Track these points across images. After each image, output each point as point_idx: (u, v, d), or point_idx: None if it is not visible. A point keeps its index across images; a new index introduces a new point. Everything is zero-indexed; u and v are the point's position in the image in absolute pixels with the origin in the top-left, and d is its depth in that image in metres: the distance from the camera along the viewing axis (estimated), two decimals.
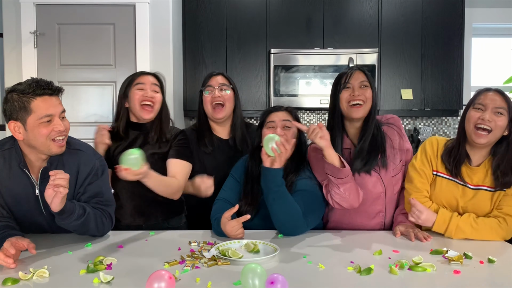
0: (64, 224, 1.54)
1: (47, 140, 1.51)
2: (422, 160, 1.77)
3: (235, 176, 1.91)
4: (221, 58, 3.58)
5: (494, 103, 1.62)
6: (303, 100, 3.51)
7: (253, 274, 1.14)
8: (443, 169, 1.75)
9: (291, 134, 1.82)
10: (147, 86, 1.94)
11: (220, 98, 2.11)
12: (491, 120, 1.60)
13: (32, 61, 3.15)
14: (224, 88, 2.14)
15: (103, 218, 1.64)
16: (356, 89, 1.81)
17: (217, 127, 2.20)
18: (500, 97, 1.63)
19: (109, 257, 1.43)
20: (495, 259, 1.42)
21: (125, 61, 3.17)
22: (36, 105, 1.48)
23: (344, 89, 1.83)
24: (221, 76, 2.18)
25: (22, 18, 3.12)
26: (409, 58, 3.59)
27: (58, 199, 1.43)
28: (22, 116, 1.49)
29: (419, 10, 3.57)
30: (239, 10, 3.56)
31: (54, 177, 1.42)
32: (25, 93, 1.48)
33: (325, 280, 1.28)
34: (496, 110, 1.61)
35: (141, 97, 1.92)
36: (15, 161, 1.58)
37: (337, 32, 3.57)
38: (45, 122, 1.50)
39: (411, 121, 3.99)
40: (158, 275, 1.12)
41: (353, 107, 1.80)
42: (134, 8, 3.15)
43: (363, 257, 1.47)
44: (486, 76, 4.09)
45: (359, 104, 1.79)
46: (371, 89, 1.83)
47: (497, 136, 1.64)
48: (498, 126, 1.61)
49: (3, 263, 1.35)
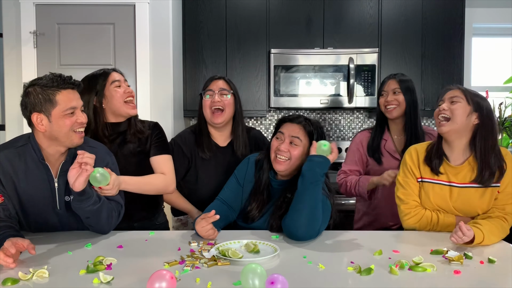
0: (80, 208, 1.59)
1: (69, 131, 1.59)
2: (404, 172, 1.83)
3: (238, 177, 1.91)
4: (221, 58, 3.58)
5: (449, 95, 1.76)
6: (303, 100, 3.51)
7: (253, 274, 1.14)
8: (427, 174, 1.79)
9: (296, 153, 1.75)
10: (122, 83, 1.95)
11: (220, 103, 2.08)
12: (447, 109, 1.72)
13: (32, 61, 3.15)
14: (224, 93, 2.10)
15: (113, 211, 1.70)
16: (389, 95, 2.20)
17: (215, 133, 2.16)
18: (456, 90, 1.76)
19: (109, 257, 1.43)
20: (495, 259, 1.42)
21: (125, 61, 3.17)
22: (60, 97, 1.56)
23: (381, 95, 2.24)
24: (223, 80, 2.15)
25: (22, 18, 3.12)
26: (409, 58, 3.59)
27: (83, 177, 1.51)
28: (47, 108, 1.56)
29: (419, 10, 3.57)
30: (239, 10, 3.56)
31: (83, 155, 1.51)
32: (49, 86, 1.56)
33: (325, 280, 1.28)
34: (451, 100, 1.74)
35: (123, 94, 1.91)
36: (31, 157, 1.62)
37: (337, 32, 3.57)
38: (69, 114, 1.58)
39: None
40: (160, 274, 1.12)
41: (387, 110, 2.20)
42: (134, 8, 3.15)
43: (363, 257, 1.47)
44: (486, 76, 4.09)
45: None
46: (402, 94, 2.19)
47: (458, 123, 1.70)
48: (455, 113, 1.70)
49: (3, 262, 1.35)
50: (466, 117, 1.70)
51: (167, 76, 3.19)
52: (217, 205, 1.83)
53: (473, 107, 1.70)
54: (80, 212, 1.62)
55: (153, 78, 3.18)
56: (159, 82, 3.18)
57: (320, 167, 1.64)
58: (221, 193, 1.90)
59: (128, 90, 1.93)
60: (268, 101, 3.56)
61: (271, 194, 1.83)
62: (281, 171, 1.78)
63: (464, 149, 1.74)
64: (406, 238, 1.71)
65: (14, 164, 1.62)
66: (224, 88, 2.11)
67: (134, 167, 1.91)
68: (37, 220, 1.68)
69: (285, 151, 1.75)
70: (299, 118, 1.82)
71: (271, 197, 1.83)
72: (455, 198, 1.75)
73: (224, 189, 1.91)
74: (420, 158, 1.81)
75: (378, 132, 2.25)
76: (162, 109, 3.17)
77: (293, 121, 1.81)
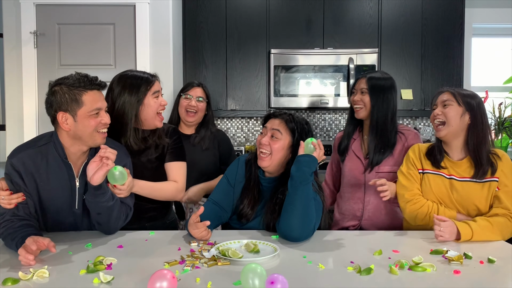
0: (94, 203, 1.61)
1: (93, 131, 1.60)
2: (407, 164, 1.92)
3: (228, 178, 1.91)
4: (221, 58, 3.58)
5: (441, 98, 1.82)
6: (303, 100, 3.52)
7: (253, 274, 1.14)
8: (428, 166, 1.87)
9: (277, 147, 1.76)
10: (160, 93, 1.95)
11: (195, 108, 2.44)
12: (440, 113, 1.80)
13: (32, 61, 3.15)
14: (200, 100, 2.46)
15: (122, 213, 1.72)
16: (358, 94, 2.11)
17: (185, 127, 2.51)
18: (446, 93, 1.82)
19: (109, 257, 1.43)
20: (495, 259, 1.42)
21: (125, 61, 3.17)
22: (87, 98, 1.58)
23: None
24: (201, 89, 2.50)
25: (22, 18, 3.12)
26: (409, 58, 3.59)
27: (102, 171, 1.53)
28: (73, 107, 1.57)
29: (419, 10, 3.57)
30: (239, 10, 3.56)
31: (105, 150, 1.53)
32: (75, 86, 1.57)
33: (325, 280, 1.28)
34: (443, 103, 1.81)
35: (159, 106, 1.89)
36: (53, 156, 1.64)
37: (337, 32, 3.57)
38: (94, 115, 1.59)
39: (411, 121, 3.99)
40: (161, 274, 1.12)
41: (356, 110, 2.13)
42: (134, 8, 3.15)
43: (363, 257, 1.47)
44: (486, 76, 4.09)
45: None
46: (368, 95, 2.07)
47: (453, 125, 1.77)
48: (449, 116, 1.77)
49: (24, 259, 1.37)
50: (460, 118, 1.77)
51: (167, 76, 3.20)
52: (208, 206, 1.82)
53: (464, 107, 1.77)
54: (93, 207, 1.63)
55: None
56: None
57: (307, 166, 1.63)
58: (212, 194, 1.90)
59: (163, 102, 1.91)
60: (268, 101, 3.56)
61: (262, 192, 1.83)
62: (265, 167, 1.79)
63: (462, 147, 1.82)
64: (406, 238, 1.71)
65: (36, 163, 1.63)
66: (201, 97, 2.47)
67: (150, 172, 1.91)
68: (54, 219, 1.70)
69: (266, 144, 1.76)
70: (283, 114, 1.82)
71: (262, 195, 1.83)
72: (455, 191, 1.80)
73: (215, 190, 1.91)
74: (422, 152, 1.90)
75: (348, 131, 2.18)
76: None
77: (276, 117, 1.82)
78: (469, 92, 1.83)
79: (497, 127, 3.59)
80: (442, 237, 1.64)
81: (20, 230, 1.52)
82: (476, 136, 1.77)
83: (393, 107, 2.07)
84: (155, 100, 1.88)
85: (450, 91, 1.82)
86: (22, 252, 1.38)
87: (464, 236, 1.63)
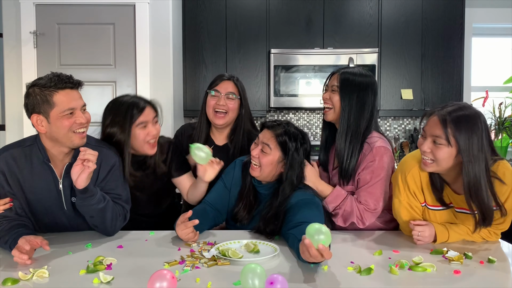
0: (84, 207, 1.58)
1: (69, 132, 1.55)
2: (407, 195, 1.66)
3: (224, 181, 1.89)
4: (221, 58, 3.58)
5: (431, 131, 1.51)
6: (303, 100, 3.51)
7: (253, 274, 1.14)
8: (431, 201, 1.66)
9: (265, 161, 1.68)
10: (149, 123, 1.86)
11: (224, 107, 2.00)
12: (429, 151, 1.51)
13: (32, 61, 3.15)
14: (230, 97, 2.02)
15: (118, 213, 1.69)
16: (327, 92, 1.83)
17: (215, 131, 2.12)
18: (436, 124, 1.48)
19: (109, 257, 1.43)
20: (495, 259, 1.42)
21: (125, 61, 3.17)
22: (58, 98, 1.52)
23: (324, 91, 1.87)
24: (232, 83, 2.05)
25: (22, 18, 3.12)
26: (409, 58, 3.59)
27: (85, 174, 1.50)
28: (45, 109, 1.53)
29: (419, 10, 3.57)
30: (239, 10, 3.56)
31: (85, 152, 1.49)
32: (47, 87, 1.52)
33: (325, 280, 1.28)
34: (433, 139, 1.50)
35: (146, 136, 1.83)
36: (37, 157, 1.61)
37: (337, 32, 3.57)
38: (68, 115, 1.54)
39: (411, 121, 3.99)
40: (160, 274, 1.12)
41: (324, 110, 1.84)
42: (134, 8, 3.15)
43: (363, 257, 1.47)
44: (486, 76, 4.09)
45: (328, 108, 1.81)
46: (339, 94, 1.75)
47: (444, 167, 1.52)
48: (439, 158, 1.49)
49: (19, 260, 1.37)
50: (453, 159, 1.50)
51: (167, 76, 3.20)
52: (202, 208, 1.81)
53: (456, 148, 1.47)
54: (84, 210, 1.61)
55: (153, 78, 3.18)
56: (159, 82, 3.19)
57: None
58: (207, 196, 1.88)
59: (152, 132, 1.84)
60: (268, 101, 3.56)
61: (258, 196, 1.81)
62: (256, 177, 1.76)
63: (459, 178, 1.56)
64: (406, 238, 1.71)
65: (20, 164, 1.61)
66: (232, 92, 2.02)
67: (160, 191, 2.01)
68: (45, 219, 1.68)
69: (256, 157, 1.71)
70: (276, 127, 1.70)
71: (258, 199, 1.81)
72: (461, 220, 1.65)
73: (210, 192, 1.89)
74: (423, 181, 1.64)
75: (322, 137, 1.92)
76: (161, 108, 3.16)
77: (269, 128, 1.72)
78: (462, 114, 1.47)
79: (497, 127, 3.58)
80: (421, 241, 1.59)
81: (12, 231, 1.51)
82: (471, 172, 1.46)
83: (370, 111, 1.74)
84: (141, 131, 1.82)
85: (440, 120, 1.47)
86: (16, 253, 1.38)
87: (440, 237, 1.60)
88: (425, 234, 1.59)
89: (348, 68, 1.81)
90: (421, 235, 1.59)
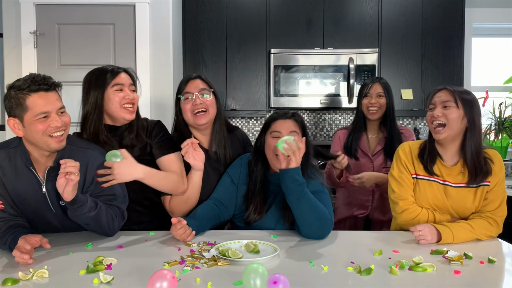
0: (76, 216, 1.54)
1: (43, 136, 1.50)
2: (398, 167, 1.82)
3: (231, 176, 1.89)
4: (221, 58, 3.58)
5: (441, 98, 1.72)
6: (303, 100, 3.51)
7: (255, 274, 1.14)
8: (421, 171, 1.78)
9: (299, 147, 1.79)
10: (125, 87, 1.82)
11: (202, 105, 1.92)
12: (441, 115, 1.70)
13: (32, 61, 3.15)
14: (204, 93, 1.94)
15: (114, 214, 1.64)
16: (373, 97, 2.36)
17: (198, 135, 1.99)
18: (446, 91, 1.72)
19: (109, 257, 1.43)
20: (495, 259, 1.42)
21: (125, 61, 3.17)
22: (31, 101, 1.47)
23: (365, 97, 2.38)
24: (200, 80, 1.98)
25: (22, 18, 3.12)
26: (409, 58, 3.59)
27: (69, 187, 1.44)
28: (20, 113, 1.48)
29: (419, 10, 3.57)
30: (239, 10, 3.56)
31: (65, 165, 1.43)
32: (21, 89, 1.47)
33: (325, 280, 1.28)
34: (443, 104, 1.71)
35: (122, 99, 1.79)
36: (21, 160, 1.58)
37: (337, 32, 3.57)
38: (41, 119, 1.48)
39: (411, 121, 3.99)
40: (161, 274, 1.12)
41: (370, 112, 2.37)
42: (134, 8, 3.15)
43: (363, 257, 1.47)
44: (486, 76, 4.09)
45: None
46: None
47: (454, 129, 1.69)
48: (450, 118, 1.68)
49: (20, 260, 1.37)
50: (461, 122, 1.69)
51: (167, 76, 3.19)
52: (208, 206, 1.82)
53: (463, 111, 1.69)
54: (78, 219, 1.57)
55: (153, 78, 3.18)
56: (159, 82, 3.19)
57: (292, 181, 1.63)
58: (214, 193, 1.88)
59: (128, 96, 1.80)
60: (268, 101, 3.56)
61: (269, 188, 1.83)
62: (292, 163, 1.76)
63: (457, 150, 1.74)
64: (406, 238, 1.71)
65: (3, 165, 1.58)
66: (204, 88, 1.95)
67: None
68: (36, 220, 1.65)
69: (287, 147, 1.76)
70: (288, 114, 1.85)
71: (267, 197, 1.83)
72: (451, 197, 1.75)
73: (217, 188, 1.89)
74: (414, 154, 1.81)
75: (356, 131, 2.42)
76: (162, 109, 3.17)
77: (284, 118, 1.83)
78: (465, 90, 1.76)
79: (497, 127, 3.58)
80: (425, 240, 1.61)
81: (9, 232, 1.51)
82: (474, 141, 1.69)
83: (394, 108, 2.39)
84: (115, 93, 1.78)
85: (449, 90, 1.72)
86: (17, 254, 1.38)
87: (445, 239, 1.61)
88: (425, 231, 1.62)
89: (382, 79, 2.44)
90: (422, 233, 1.61)
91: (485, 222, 1.69)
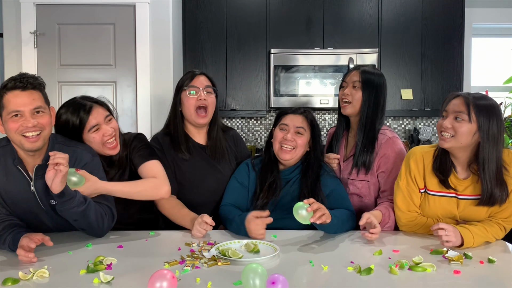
0: (65, 211, 1.52)
1: (16, 135, 1.49)
2: (407, 179, 1.71)
3: (238, 180, 1.91)
4: (221, 58, 3.58)
5: (454, 108, 1.57)
6: (303, 100, 3.52)
7: (254, 274, 1.14)
8: (433, 186, 1.67)
9: (301, 142, 1.84)
10: (102, 125, 1.75)
11: (205, 102, 1.90)
12: (450, 127, 1.57)
13: (32, 61, 3.15)
14: (209, 91, 1.93)
15: (104, 212, 1.63)
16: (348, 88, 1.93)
17: (194, 131, 1.98)
18: (460, 100, 1.57)
19: (109, 257, 1.43)
20: (495, 259, 1.42)
21: (125, 61, 3.17)
22: (6, 99, 1.48)
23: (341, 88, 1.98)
24: (205, 76, 1.96)
25: (22, 18, 3.12)
26: (409, 58, 3.59)
27: (58, 178, 1.42)
28: (0, 110, 1.51)
29: (419, 10, 3.57)
30: (239, 10, 3.56)
31: (54, 156, 1.42)
32: (2, 87, 1.49)
33: (325, 279, 1.28)
34: (455, 115, 1.57)
35: (102, 137, 1.74)
36: (10, 158, 1.58)
37: (337, 32, 3.57)
38: (13, 117, 1.48)
39: (411, 121, 3.99)
40: (161, 274, 1.12)
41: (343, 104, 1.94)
42: (134, 8, 3.15)
43: (363, 257, 1.47)
44: (486, 76, 4.09)
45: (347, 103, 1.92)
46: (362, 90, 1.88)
47: (462, 142, 1.56)
48: (459, 132, 1.55)
49: (25, 258, 1.37)
50: (471, 136, 1.56)
51: (167, 76, 3.20)
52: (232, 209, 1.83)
53: (477, 125, 1.54)
54: (66, 215, 1.55)
55: (153, 78, 3.18)
56: (159, 82, 3.19)
57: (334, 228, 1.68)
58: (226, 199, 1.88)
59: (108, 132, 1.73)
60: (268, 101, 3.57)
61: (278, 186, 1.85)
62: (287, 160, 1.83)
63: (468, 161, 1.63)
64: (406, 238, 1.71)
65: None
66: (209, 85, 1.93)
67: None
68: (28, 220, 1.63)
69: (291, 140, 1.82)
70: (299, 110, 1.92)
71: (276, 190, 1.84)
72: (462, 210, 1.66)
73: (227, 194, 1.90)
74: (427, 166, 1.67)
75: (338, 129, 2.02)
76: (162, 109, 3.17)
77: (295, 113, 1.89)
78: (482, 96, 1.59)
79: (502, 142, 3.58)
80: (449, 242, 1.53)
81: (7, 231, 1.50)
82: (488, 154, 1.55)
83: (383, 106, 1.91)
84: (95, 135, 1.73)
85: (463, 98, 1.56)
86: (22, 252, 1.38)
87: (467, 243, 1.55)
88: (450, 232, 1.53)
89: (366, 67, 1.96)
90: (449, 233, 1.52)
91: (497, 228, 1.64)
